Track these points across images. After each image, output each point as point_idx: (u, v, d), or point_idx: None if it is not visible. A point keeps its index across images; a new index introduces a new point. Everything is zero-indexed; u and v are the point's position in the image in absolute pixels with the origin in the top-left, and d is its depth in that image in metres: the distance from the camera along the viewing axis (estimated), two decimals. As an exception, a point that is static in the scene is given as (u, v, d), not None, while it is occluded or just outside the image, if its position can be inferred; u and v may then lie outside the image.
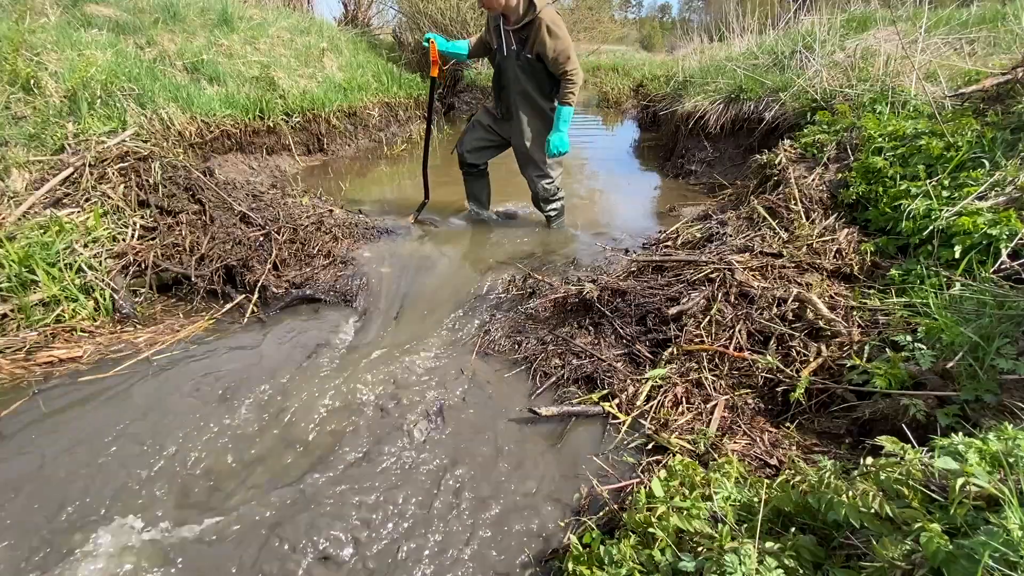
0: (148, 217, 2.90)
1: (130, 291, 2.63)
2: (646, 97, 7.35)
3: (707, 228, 2.93)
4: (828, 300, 2.02)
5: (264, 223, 3.09)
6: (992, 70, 2.84)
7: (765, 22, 6.37)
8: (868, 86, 3.35)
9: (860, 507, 0.98)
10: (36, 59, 3.63)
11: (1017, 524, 0.80)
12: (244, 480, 1.67)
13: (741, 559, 0.98)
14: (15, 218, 2.63)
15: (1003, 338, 1.45)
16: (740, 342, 1.96)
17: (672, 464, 1.43)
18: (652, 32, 35.88)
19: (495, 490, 1.63)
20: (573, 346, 2.21)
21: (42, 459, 1.71)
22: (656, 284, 2.37)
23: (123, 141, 3.18)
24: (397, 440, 1.82)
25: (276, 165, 5.16)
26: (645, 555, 1.15)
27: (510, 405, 2.00)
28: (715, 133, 4.76)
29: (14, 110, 3.30)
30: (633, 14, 52.96)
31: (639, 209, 4.31)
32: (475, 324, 2.55)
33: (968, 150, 2.29)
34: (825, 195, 2.65)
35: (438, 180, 5.37)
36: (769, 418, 1.77)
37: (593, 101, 11.44)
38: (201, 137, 4.46)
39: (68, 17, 4.77)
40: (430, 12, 7.59)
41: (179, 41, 5.25)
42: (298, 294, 2.76)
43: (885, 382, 1.52)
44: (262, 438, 1.84)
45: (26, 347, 2.22)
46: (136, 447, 1.76)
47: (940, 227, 2.05)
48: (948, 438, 1.04)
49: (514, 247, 3.45)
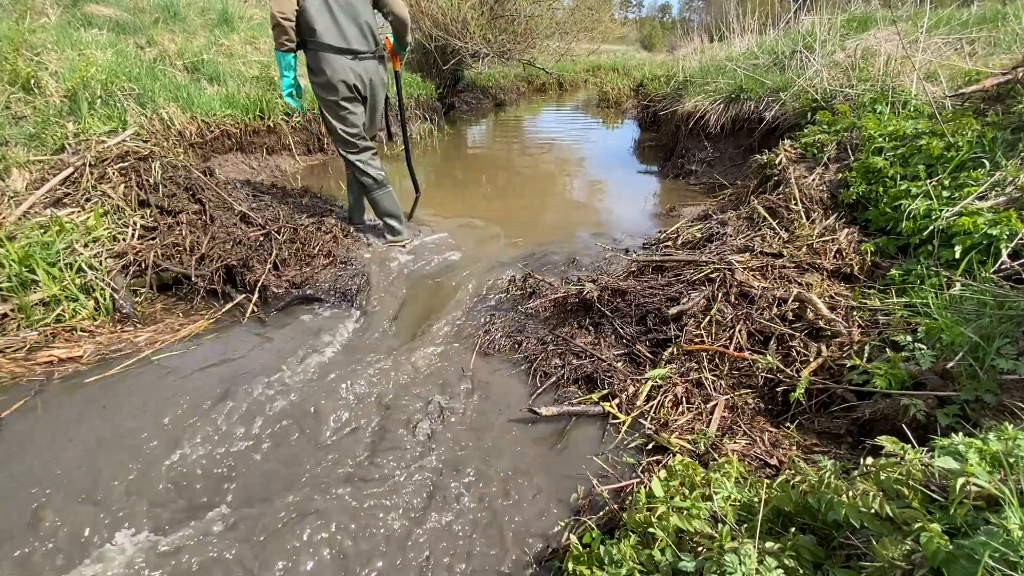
0: (148, 217, 2.91)
1: (130, 291, 2.64)
2: (646, 97, 7.34)
3: (707, 228, 2.93)
4: (828, 300, 2.02)
5: (264, 223, 3.09)
6: (992, 70, 2.84)
7: (765, 22, 6.37)
8: (868, 86, 3.35)
9: (860, 507, 0.98)
10: (36, 59, 3.63)
11: (1017, 524, 0.80)
12: (244, 480, 1.67)
13: (741, 559, 0.98)
14: (15, 218, 2.63)
15: (1003, 338, 1.45)
16: (740, 342, 1.96)
17: (672, 464, 1.43)
18: (652, 32, 35.88)
19: (495, 490, 1.63)
20: (573, 346, 2.20)
21: (42, 459, 1.71)
22: (656, 284, 2.37)
23: (123, 141, 3.19)
24: (397, 440, 1.82)
25: (276, 165, 5.16)
26: (645, 555, 1.15)
27: (510, 405, 2.00)
28: (715, 133, 4.76)
29: (14, 110, 3.31)
30: (633, 14, 53.04)
31: (639, 209, 4.31)
32: (475, 324, 2.55)
33: (968, 150, 2.28)
34: (825, 195, 2.65)
35: (438, 180, 5.38)
36: (769, 418, 1.77)
37: (593, 101, 11.45)
38: (201, 137, 4.46)
39: (68, 17, 4.77)
40: (431, 11, 7.59)
41: (179, 41, 5.25)
42: (298, 294, 2.76)
43: (885, 382, 1.52)
44: (262, 438, 1.84)
45: (26, 347, 2.22)
46: (136, 446, 1.76)
47: (940, 227, 2.05)
48: (948, 438, 1.04)
49: (514, 247, 3.45)
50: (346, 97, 2.97)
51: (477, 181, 5.32)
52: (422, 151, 6.57)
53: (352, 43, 2.88)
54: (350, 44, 2.88)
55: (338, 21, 2.82)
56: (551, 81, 13.13)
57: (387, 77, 3.18)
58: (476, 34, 7.52)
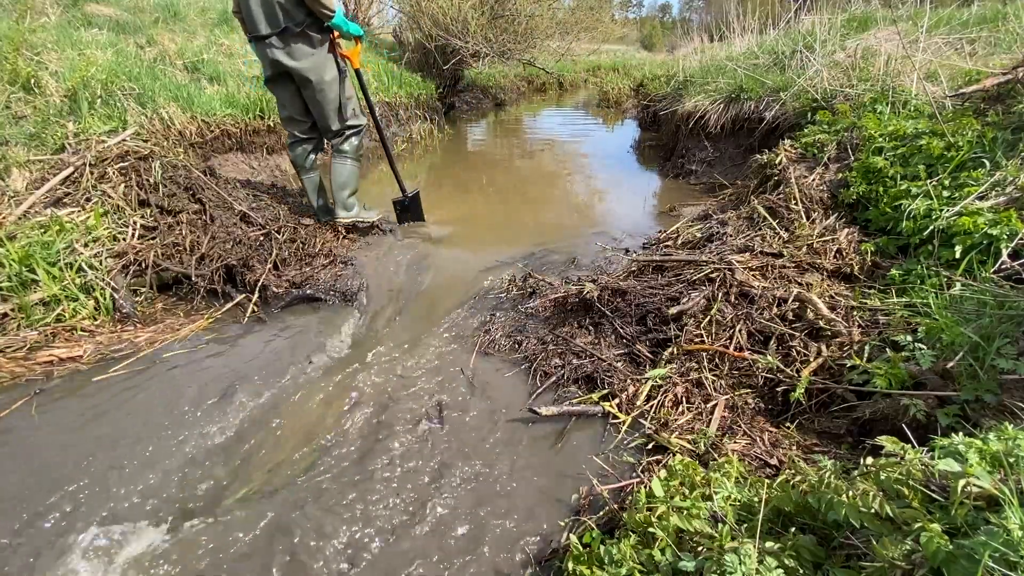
0: (148, 216, 2.90)
1: (130, 290, 2.63)
2: (646, 97, 7.34)
3: (707, 228, 2.93)
4: (828, 300, 2.02)
5: (264, 222, 3.09)
6: (993, 70, 2.84)
7: (766, 22, 6.36)
8: (869, 86, 3.35)
9: (860, 507, 0.98)
10: (36, 58, 3.63)
11: (1017, 524, 0.80)
12: (244, 479, 1.67)
13: (741, 559, 0.98)
14: (15, 217, 2.63)
15: (1003, 338, 1.45)
16: (740, 342, 1.96)
17: (672, 464, 1.43)
18: (652, 32, 35.86)
19: (495, 489, 1.63)
20: (573, 346, 2.20)
21: (42, 458, 1.71)
22: (656, 284, 2.37)
23: (123, 140, 3.18)
24: (397, 439, 1.82)
25: (276, 164, 5.15)
26: (645, 555, 1.15)
27: (510, 405, 2.00)
28: (715, 133, 4.76)
29: (14, 109, 3.31)
30: (633, 14, 53.01)
31: (639, 209, 4.30)
32: (475, 323, 2.55)
33: (969, 150, 2.28)
34: (825, 195, 2.65)
35: (438, 179, 5.38)
36: (769, 418, 1.77)
37: (593, 101, 11.44)
38: (201, 136, 4.46)
39: (68, 16, 4.77)
40: (431, 11, 7.59)
41: (179, 40, 5.25)
42: (298, 293, 2.76)
43: (885, 382, 1.52)
44: (262, 437, 1.84)
45: (26, 346, 2.22)
46: (135, 446, 1.76)
47: (940, 227, 2.05)
48: (948, 438, 1.04)
49: (514, 246, 3.45)
50: (267, 78, 2.92)
51: (477, 181, 5.32)
52: (422, 151, 6.57)
53: (260, 28, 2.74)
54: (257, 29, 2.75)
55: (250, 5, 2.70)
56: (551, 81, 13.12)
57: (325, 61, 2.88)
58: (476, 34, 7.51)
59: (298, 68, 2.83)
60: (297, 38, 2.76)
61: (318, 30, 2.79)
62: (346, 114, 3.10)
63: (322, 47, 2.84)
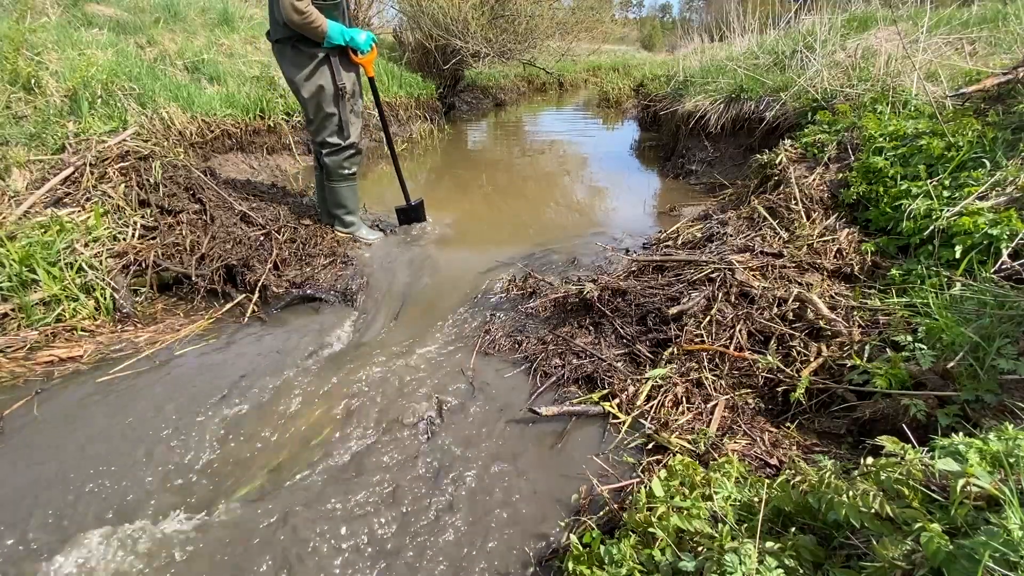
0: (149, 216, 2.91)
1: (130, 290, 2.64)
2: (646, 97, 7.33)
3: (707, 228, 2.93)
4: (828, 300, 2.02)
5: (264, 222, 3.09)
6: (993, 70, 2.84)
7: (766, 22, 6.36)
8: (869, 86, 3.35)
9: (860, 507, 0.98)
10: (37, 58, 3.63)
11: (1017, 524, 0.80)
12: (243, 480, 1.67)
13: (741, 559, 0.98)
14: (16, 217, 2.63)
15: (1004, 338, 1.45)
16: (740, 342, 1.96)
17: (672, 464, 1.43)
18: (653, 32, 35.86)
19: (495, 490, 1.63)
20: (573, 346, 2.20)
21: (42, 458, 1.71)
22: (656, 284, 2.37)
23: (124, 140, 3.18)
24: (397, 439, 1.82)
25: (277, 164, 5.15)
26: (645, 555, 1.15)
27: (510, 405, 2.00)
28: (715, 133, 4.76)
29: (15, 109, 3.31)
30: (634, 14, 53.01)
31: (639, 209, 4.30)
32: (475, 323, 2.55)
33: (969, 150, 2.28)
34: (826, 195, 2.65)
35: (438, 179, 5.38)
36: (769, 418, 1.77)
37: (593, 101, 11.44)
38: (202, 137, 4.46)
39: (69, 16, 4.77)
40: (431, 11, 7.59)
41: (180, 40, 5.25)
42: (298, 293, 2.76)
43: (885, 382, 1.52)
44: (262, 437, 1.84)
45: (27, 346, 2.22)
46: (136, 446, 1.77)
47: (941, 227, 2.05)
48: (948, 438, 1.04)
49: (514, 246, 3.44)
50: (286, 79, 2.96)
51: (477, 180, 5.32)
52: (422, 151, 6.58)
53: (271, 32, 2.81)
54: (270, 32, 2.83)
55: (270, 8, 2.74)
56: (551, 81, 13.12)
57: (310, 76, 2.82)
58: (477, 34, 7.51)
59: (287, 78, 2.91)
60: (289, 50, 2.79)
61: (309, 45, 2.77)
62: (323, 132, 3.01)
63: (312, 61, 2.80)
